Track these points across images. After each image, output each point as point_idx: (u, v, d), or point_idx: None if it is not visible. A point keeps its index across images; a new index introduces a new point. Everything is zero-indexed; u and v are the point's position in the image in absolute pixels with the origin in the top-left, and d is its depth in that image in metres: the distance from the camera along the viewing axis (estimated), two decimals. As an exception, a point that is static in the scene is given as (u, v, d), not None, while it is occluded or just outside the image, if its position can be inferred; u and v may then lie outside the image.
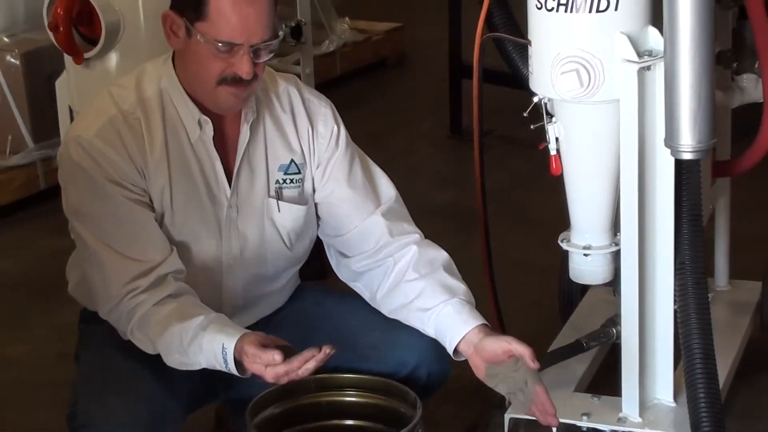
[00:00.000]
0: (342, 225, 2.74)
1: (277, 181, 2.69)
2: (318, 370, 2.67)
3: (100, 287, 2.57)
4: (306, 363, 2.39)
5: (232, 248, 2.68)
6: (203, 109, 2.60)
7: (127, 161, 2.55)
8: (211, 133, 2.61)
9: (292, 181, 2.70)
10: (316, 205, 2.75)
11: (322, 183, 2.73)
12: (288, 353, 2.41)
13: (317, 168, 2.72)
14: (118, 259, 2.53)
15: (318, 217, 2.76)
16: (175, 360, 2.50)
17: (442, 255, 2.72)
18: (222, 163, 2.64)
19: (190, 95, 2.60)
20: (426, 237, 2.76)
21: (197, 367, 2.49)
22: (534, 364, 2.52)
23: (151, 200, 2.59)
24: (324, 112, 2.73)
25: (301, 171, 2.71)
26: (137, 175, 2.56)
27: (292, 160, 2.70)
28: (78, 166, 2.56)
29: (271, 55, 2.56)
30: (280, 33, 2.57)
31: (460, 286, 2.67)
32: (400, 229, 2.72)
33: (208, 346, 2.44)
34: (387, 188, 2.77)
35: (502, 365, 2.54)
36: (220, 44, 2.49)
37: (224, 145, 2.64)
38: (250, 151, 2.66)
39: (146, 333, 2.50)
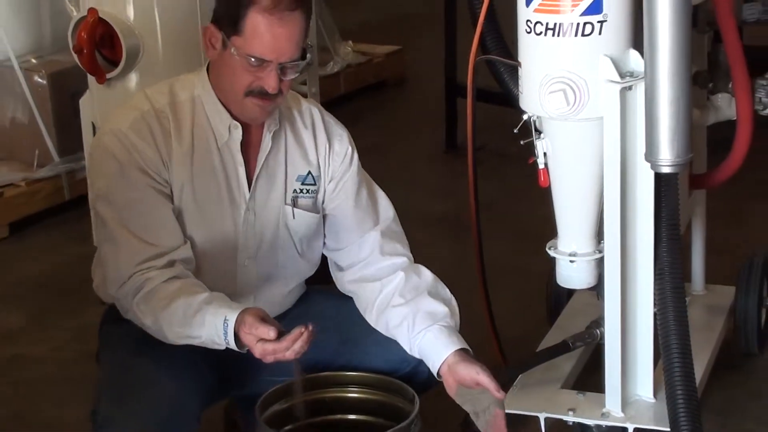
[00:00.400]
0: (342, 238, 2.76)
1: (294, 191, 2.71)
2: (324, 369, 2.68)
3: (112, 265, 2.57)
4: (294, 344, 2.37)
5: (249, 248, 2.69)
6: (233, 117, 2.62)
7: (154, 151, 2.57)
8: (239, 138, 2.63)
9: (308, 191, 2.72)
10: (323, 216, 2.75)
11: (333, 196, 2.74)
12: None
13: (330, 182, 2.74)
14: (134, 241, 2.54)
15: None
16: (175, 333, 2.48)
17: (426, 280, 2.73)
18: (245, 168, 2.65)
19: (222, 103, 2.62)
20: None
21: (196, 341, 2.47)
22: (499, 395, 2.56)
23: (171, 192, 2.60)
24: (341, 133, 2.77)
25: (316, 183, 2.73)
26: (162, 166, 2.58)
27: (309, 172, 2.72)
28: (109, 153, 2.58)
29: (297, 74, 2.59)
30: (308, 56, 2.59)
31: (442, 310, 2.67)
32: (392, 248, 2.74)
33: (211, 319, 2.43)
34: (386, 209, 2.80)
35: (472, 387, 2.58)
36: (252, 59, 2.51)
37: (247, 152, 2.66)
38: (271, 159, 2.68)
39: (151, 305, 2.49)
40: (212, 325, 2.43)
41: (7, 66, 4.63)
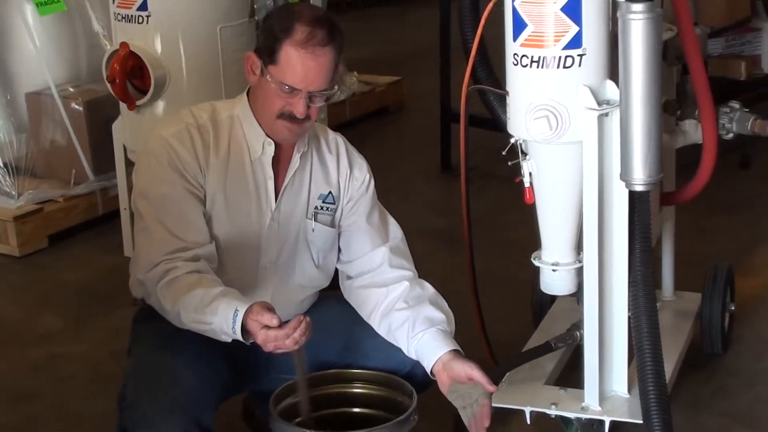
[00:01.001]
0: (354, 251, 2.77)
1: (316, 207, 2.72)
2: (331, 366, 2.67)
3: (144, 252, 2.58)
4: (294, 332, 2.37)
5: (270, 254, 2.70)
6: (267, 135, 2.64)
7: (192, 157, 2.59)
8: (272, 154, 2.64)
9: (327, 209, 2.73)
10: (339, 233, 2.76)
11: (349, 214, 2.76)
12: None
13: (348, 202, 2.75)
14: (166, 234, 2.55)
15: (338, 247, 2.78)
16: (189, 317, 2.48)
17: (428, 291, 2.74)
18: (274, 182, 2.66)
19: (260, 123, 2.63)
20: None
21: (207, 328, 2.46)
22: (491, 387, 2.59)
23: (205, 196, 2.61)
24: (361, 162, 2.79)
25: (336, 202, 2.74)
26: (198, 171, 2.60)
27: (330, 192, 2.74)
28: (153, 155, 2.60)
29: (324, 103, 2.61)
30: (336, 87, 2.61)
31: (440, 317, 2.68)
32: (399, 263, 2.76)
33: (224, 309, 2.42)
34: (395, 230, 2.81)
35: (464, 383, 2.59)
36: (285, 86, 2.53)
37: (277, 168, 2.67)
38: (297, 176, 2.69)
39: (172, 291, 2.49)
40: (223, 315, 2.42)
41: (48, 94, 4.64)
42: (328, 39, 2.54)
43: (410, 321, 2.65)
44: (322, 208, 2.73)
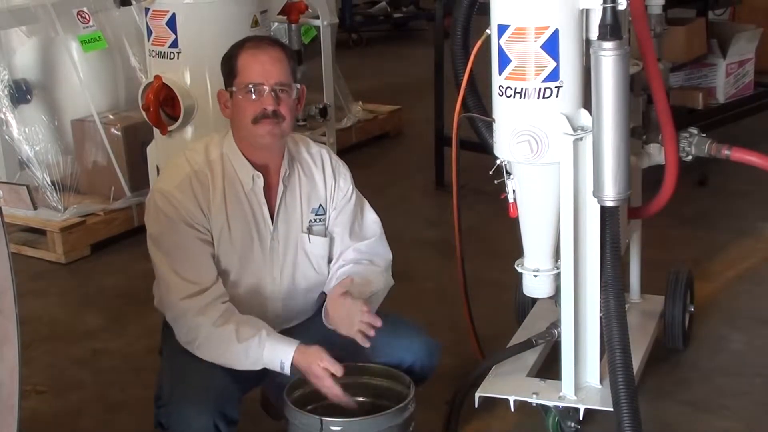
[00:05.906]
0: (331, 253, 2.75)
1: (310, 221, 2.69)
2: (343, 360, 2.65)
3: (165, 298, 2.58)
4: (342, 398, 2.48)
5: (274, 271, 2.67)
6: (255, 167, 2.60)
7: (196, 206, 2.55)
8: (262, 184, 2.61)
9: (320, 220, 2.71)
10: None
11: (332, 222, 2.73)
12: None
13: (333, 210, 2.72)
14: (179, 281, 2.53)
15: None
16: (236, 366, 2.50)
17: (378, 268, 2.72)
18: (268, 207, 2.63)
19: (245, 156, 2.59)
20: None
21: (255, 368, 2.51)
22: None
23: (212, 237, 2.57)
24: (345, 173, 2.75)
25: (326, 212, 2.71)
26: (203, 217, 2.56)
27: (320, 205, 2.70)
28: (160, 209, 2.55)
29: (292, 99, 2.57)
30: (297, 86, 2.59)
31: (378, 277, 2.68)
32: (368, 258, 2.73)
33: (268, 357, 2.47)
34: (373, 231, 2.76)
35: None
36: (250, 87, 2.51)
37: (269, 194, 2.64)
38: (288, 198, 2.66)
39: (210, 349, 2.50)
40: (270, 362, 2.48)
41: (90, 121, 4.65)
42: (275, 43, 2.59)
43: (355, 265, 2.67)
44: (315, 220, 2.70)
